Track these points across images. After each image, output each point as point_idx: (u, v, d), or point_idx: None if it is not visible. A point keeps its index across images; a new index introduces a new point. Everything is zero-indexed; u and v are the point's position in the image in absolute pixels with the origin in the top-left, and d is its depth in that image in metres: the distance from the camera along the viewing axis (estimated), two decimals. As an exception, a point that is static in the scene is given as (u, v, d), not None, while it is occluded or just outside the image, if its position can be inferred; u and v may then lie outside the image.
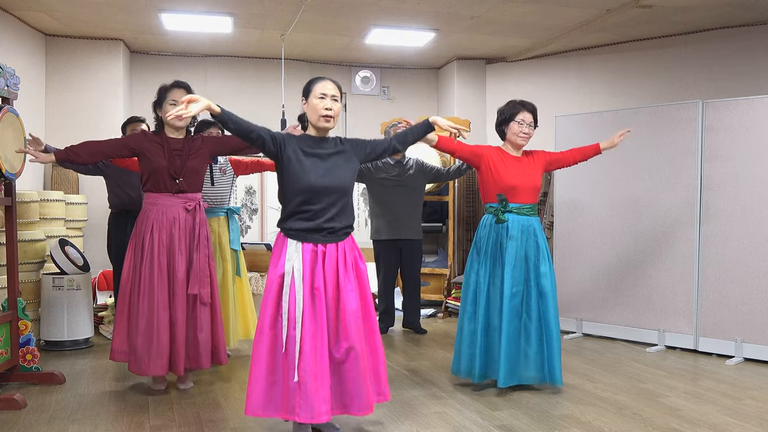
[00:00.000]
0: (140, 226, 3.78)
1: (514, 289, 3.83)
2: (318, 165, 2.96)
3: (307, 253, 2.94)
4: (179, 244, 3.75)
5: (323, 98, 2.98)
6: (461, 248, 7.07)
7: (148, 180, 3.78)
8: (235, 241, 4.57)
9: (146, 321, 3.69)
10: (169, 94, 3.82)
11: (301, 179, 2.93)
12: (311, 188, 2.93)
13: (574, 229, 5.57)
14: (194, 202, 3.83)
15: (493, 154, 3.96)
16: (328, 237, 2.98)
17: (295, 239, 2.95)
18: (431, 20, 5.99)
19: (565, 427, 3.30)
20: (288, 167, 2.96)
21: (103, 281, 5.86)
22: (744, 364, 4.61)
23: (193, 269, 3.77)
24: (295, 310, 2.88)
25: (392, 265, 5.58)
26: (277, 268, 2.97)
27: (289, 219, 2.98)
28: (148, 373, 3.73)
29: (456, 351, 4.02)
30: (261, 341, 2.94)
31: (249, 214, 6.88)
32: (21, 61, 5.80)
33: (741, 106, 4.73)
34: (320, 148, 3.01)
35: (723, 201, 4.79)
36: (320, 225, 2.95)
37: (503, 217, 3.88)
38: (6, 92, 3.85)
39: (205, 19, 5.87)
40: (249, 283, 4.92)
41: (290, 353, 2.88)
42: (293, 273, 2.90)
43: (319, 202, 2.95)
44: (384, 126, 6.64)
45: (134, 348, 3.72)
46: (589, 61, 6.92)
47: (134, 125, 4.92)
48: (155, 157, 3.72)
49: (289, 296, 2.89)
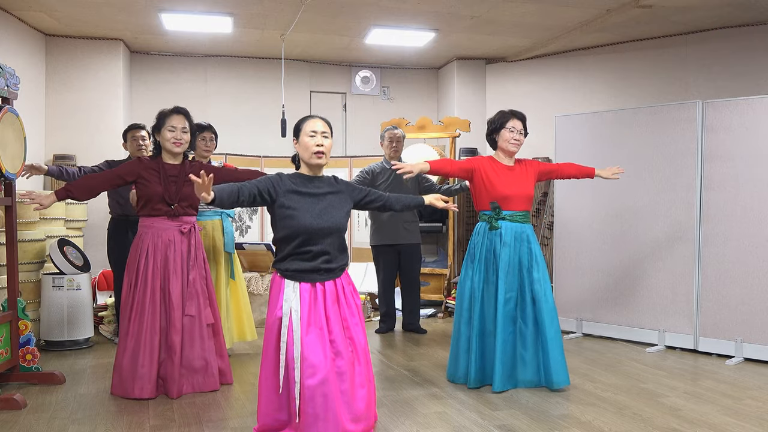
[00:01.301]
0: (135, 250, 3.80)
1: (508, 295, 3.88)
2: (313, 205, 2.96)
3: (305, 293, 2.93)
4: (174, 265, 3.77)
5: (313, 136, 2.99)
6: (461, 248, 7.07)
7: (144, 205, 3.80)
8: (230, 244, 4.59)
9: (134, 343, 3.70)
10: (168, 120, 3.81)
11: (298, 222, 2.93)
12: (307, 230, 2.93)
13: (574, 229, 5.57)
14: (189, 225, 3.86)
15: (485, 164, 4.01)
16: (324, 276, 2.98)
17: (292, 280, 2.94)
18: (431, 20, 5.99)
19: (565, 427, 3.30)
20: (283, 213, 2.95)
21: (103, 281, 5.86)
22: (744, 364, 4.61)
23: (189, 291, 3.78)
24: (293, 352, 2.86)
25: (391, 268, 5.59)
26: (272, 310, 2.97)
27: (285, 260, 2.96)
28: (134, 396, 3.69)
29: (452, 356, 4.07)
30: (265, 383, 2.95)
31: (249, 214, 6.88)
32: (21, 61, 5.80)
33: (741, 106, 4.73)
34: (314, 188, 3.01)
35: (723, 201, 4.79)
36: (317, 266, 2.95)
37: (496, 224, 3.92)
38: (6, 92, 3.85)
39: (205, 19, 5.87)
40: (245, 285, 4.93)
41: (291, 393, 2.86)
42: (291, 314, 2.89)
43: (317, 244, 2.95)
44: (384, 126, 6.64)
45: (119, 369, 3.73)
46: (589, 61, 6.92)
47: (134, 132, 4.93)
48: (151, 183, 3.74)
49: (287, 338, 2.88)
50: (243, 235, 6.78)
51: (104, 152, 6.30)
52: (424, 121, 6.65)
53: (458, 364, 4.01)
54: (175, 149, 3.80)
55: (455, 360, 4.03)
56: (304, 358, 2.83)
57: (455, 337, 4.04)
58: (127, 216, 4.85)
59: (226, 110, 7.17)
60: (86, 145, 6.44)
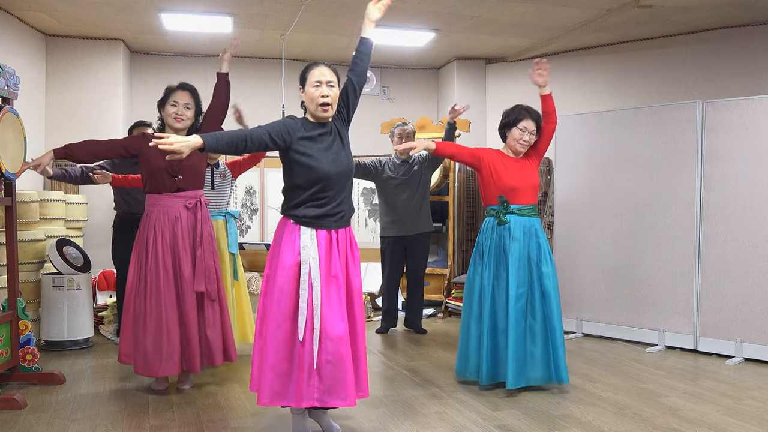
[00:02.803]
0: (143, 229, 3.80)
1: (519, 291, 3.86)
2: (326, 152, 2.94)
3: (322, 240, 2.92)
4: (183, 242, 3.76)
5: (318, 86, 2.93)
6: (461, 248, 7.07)
7: (148, 181, 3.79)
8: (233, 245, 4.58)
9: (155, 322, 3.69)
10: (172, 95, 3.83)
11: (316, 169, 2.90)
12: (326, 176, 2.91)
13: (574, 229, 5.57)
14: (194, 200, 3.83)
15: (493, 156, 4.01)
16: (339, 222, 2.97)
17: (309, 227, 2.92)
18: (431, 20, 5.99)
19: (565, 427, 3.30)
20: (299, 160, 2.91)
21: (103, 281, 5.86)
22: (744, 364, 4.61)
23: (198, 266, 3.77)
24: (313, 299, 2.86)
25: (397, 262, 5.58)
26: (290, 257, 2.89)
27: (300, 206, 2.93)
28: (159, 374, 3.72)
29: (461, 353, 4.04)
30: (277, 332, 2.88)
31: (249, 214, 6.87)
32: (21, 61, 5.80)
33: (741, 106, 4.73)
34: (322, 135, 2.98)
35: (723, 201, 4.79)
36: (332, 210, 2.94)
37: (505, 218, 3.90)
38: (6, 92, 3.85)
39: (205, 19, 5.87)
40: (247, 287, 4.93)
41: (308, 341, 2.85)
42: (310, 261, 2.88)
43: (332, 189, 2.93)
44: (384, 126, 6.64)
45: (143, 350, 3.72)
46: (589, 61, 6.92)
47: (140, 129, 4.93)
48: (153, 158, 3.72)
49: (307, 285, 2.87)
50: (243, 235, 6.77)
51: (104, 152, 6.30)
52: (424, 121, 6.65)
53: (469, 362, 3.98)
54: (175, 124, 3.79)
55: (465, 357, 4.01)
56: (324, 314, 2.84)
57: (464, 335, 4.02)
58: (132, 213, 4.84)
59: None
60: (86, 145, 6.44)
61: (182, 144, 2.70)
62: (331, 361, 2.84)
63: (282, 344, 2.89)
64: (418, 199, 5.49)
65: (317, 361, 2.83)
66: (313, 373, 2.83)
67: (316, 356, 2.83)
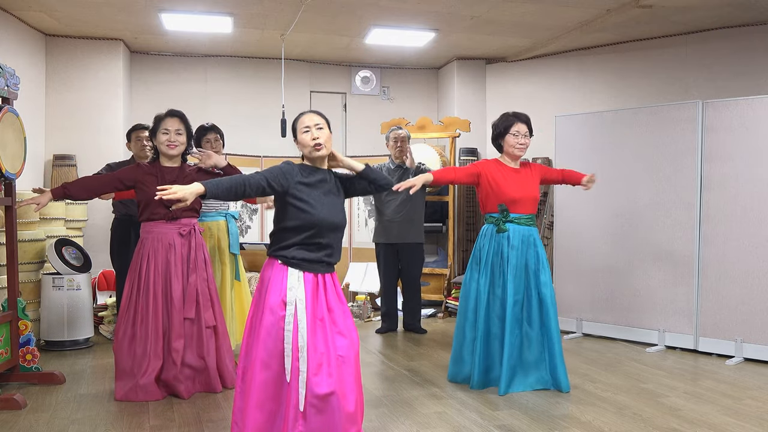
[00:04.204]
0: (137, 256, 3.82)
1: (516, 298, 3.89)
2: (323, 199, 2.96)
3: (308, 283, 2.92)
4: (175, 269, 3.78)
5: (307, 131, 2.98)
6: (461, 248, 7.07)
7: (143, 210, 3.81)
8: (234, 245, 4.59)
9: (141, 348, 3.72)
10: (162, 123, 3.83)
11: (312, 215, 2.91)
12: (320, 223, 2.92)
13: (574, 229, 5.57)
14: (188, 227, 3.86)
15: (491, 167, 4.02)
16: (326, 268, 2.99)
17: (297, 268, 2.92)
18: (431, 20, 5.99)
19: (565, 427, 3.30)
20: (295, 204, 2.92)
21: (103, 281, 5.86)
22: (744, 364, 4.61)
23: (189, 292, 3.79)
24: (297, 341, 2.84)
25: (392, 267, 5.61)
26: (276, 297, 2.89)
27: (290, 248, 2.93)
28: (137, 399, 3.71)
29: (454, 357, 4.07)
30: (263, 371, 2.86)
31: (249, 214, 6.88)
32: (21, 61, 5.80)
33: (741, 106, 4.73)
34: (319, 182, 3.00)
35: (723, 201, 4.79)
36: (322, 258, 2.95)
37: (504, 226, 3.92)
38: (6, 92, 3.85)
39: (205, 19, 5.87)
40: (249, 286, 4.93)
41: (294, 383, 2.82)
42: (296, 303, 2.88)
43: (324, 237, 2.95)
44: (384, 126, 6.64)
45: (123, 375, 3.74)
46: (589, 61, 6.92)
47: (138, 132, 4.92)
48: (148, 188, 3.74)
49: (293, 326, 2.86)
50: (243, 235, 6.78)
51: (104, 152, 6.30)
52: (424, 121, 6.65)
53: (461, 366, 4.01)
54: (169, 152, 3.81)
55: (458, 361, 4.04)
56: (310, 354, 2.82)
57: (458, 339, 4.04)
58: (130, 216, 4.85)
59: (226, 110, 7.16)
60: (86, 145, 6.44)
61: (185, 192, 2.75)
62: (316, 408, 2.81)
63: (270, 384, 2.87)
64: (411, 207, 5.48)
65: (304, 404, 2.82)
66: (299, 415, 2.81)
67: (302, 399, 2.82)
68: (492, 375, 3.91)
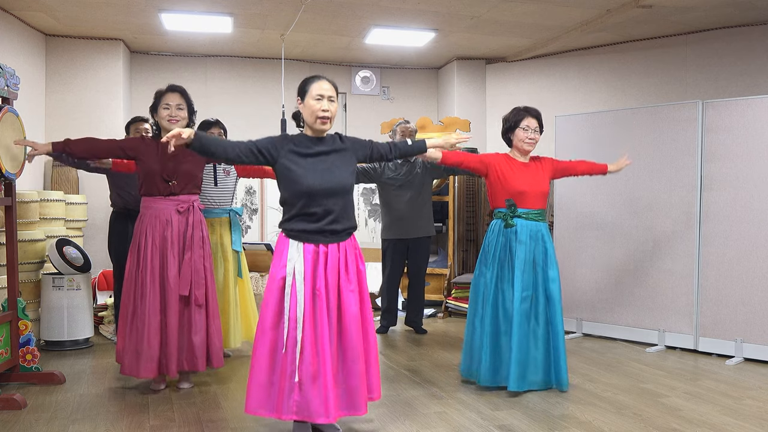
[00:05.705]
0: (137, 231, 3.83)
1: (524, 294, 3.85)
2: (316, 166, 2.94)
3: (308, 254, 2.93)
4: (171, 246, 3.78)
5: (320, 99, 2.94)
6: (461, 248, 7.07)
7: (143, 184, 3.82)
8: (237, 242, 4.58)
9: (139, 324, 3.73)
10: (163, 98, 3.84)
11: (300, 183, 2.91)
12: (311, 191, 2.91)
13: (574, 229, 5.57)
14: (187, 204, 3.85)
15: (500, 161, 3.99)
16: (330, 238, 2.97)
17: (296, 240, 2.95)
18: (431, 20, 5.99)
19: (565, 427, 3.30)
20: (285, 174, 2.94)
21: (103, 281, 5.86)
22: (744, 364, 4.61)
23: (183, 270, 3.78)
24: (296, 311, 2.88)
25: (398, 263, 5.57)
26: (278, 269, 2.96)
27: (291, 220, 2.96)
28: (139, 376, 3.75)
29: (466, 353, 4.04)
30: (262, 341, 2.94)
31: (249, 214, 6.88)
32: (21, 61, 5.80)
33: (741, 106, 4.73)
34: (318, 147, 2.99)
35: (723, 201, 4.79)
36: (323, 227, 2.94)
37: (512, 221, 3.90)
38: (6, 92, 3.85)
39: (205, 19, 5.87)
40: (251, 285, 4.92)
41: (290, 353, 2.88)
42: (294, 274, 2.90)
43: (322, 205, 2.93)
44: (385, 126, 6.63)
45: (127, 350, 3.77)
46: (589, 61, 6.92)
47: (137, 125, 4.93)
48: (149, 161, 3.75)
49: (290, 297, 2.89)
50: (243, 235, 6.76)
51: (104, 152, 6.30)
52: (424, 121, 6.65)
53: (473, 360, 3.98)
54: (170, 126, 3.78)
55: (469, 356, 4.01)
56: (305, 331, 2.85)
57: (469, 334, 4.02)
58: (128, 209, 4.85)
59: (226, 110, 7.16)
60: (86, 145, 6.44)
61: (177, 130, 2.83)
62: (306, 378, 2.85)
63: (266, 354, 2.92)
64: (421, 200, 5.47)
65: (299, 375, 2.84)
66: (294, 386, 2.84)
67: (298, 369, 2.84)
68: (500, 372, 3.86)
